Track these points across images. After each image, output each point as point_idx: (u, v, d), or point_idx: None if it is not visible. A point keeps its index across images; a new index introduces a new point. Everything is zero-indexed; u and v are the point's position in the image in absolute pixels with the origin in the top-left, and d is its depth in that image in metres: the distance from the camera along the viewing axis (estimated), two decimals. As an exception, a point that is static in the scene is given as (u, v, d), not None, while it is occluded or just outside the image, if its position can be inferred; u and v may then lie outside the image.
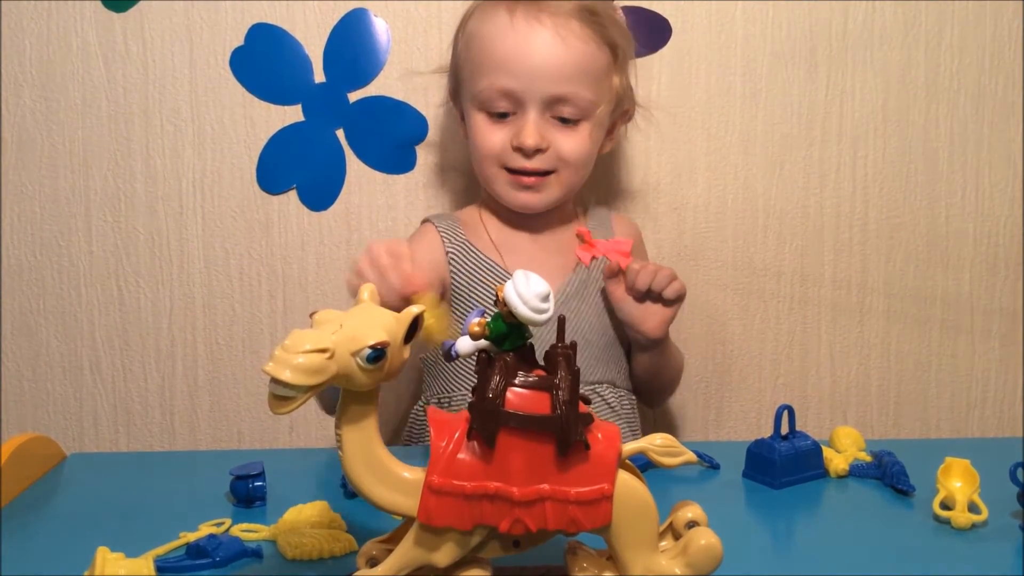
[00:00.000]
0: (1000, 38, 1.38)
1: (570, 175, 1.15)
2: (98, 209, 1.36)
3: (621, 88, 1.16)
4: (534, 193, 1.16)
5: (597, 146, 1.18)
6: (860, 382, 1.44)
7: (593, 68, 1.12)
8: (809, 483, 0.93)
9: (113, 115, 1.34)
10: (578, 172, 1.16)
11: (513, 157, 1.13)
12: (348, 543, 0.78)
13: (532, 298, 0.61)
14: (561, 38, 1.10)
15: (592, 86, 1.12)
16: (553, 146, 1.13)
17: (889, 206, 1.41)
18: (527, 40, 1.10)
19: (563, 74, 1.10)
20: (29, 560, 0.77)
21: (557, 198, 1.17)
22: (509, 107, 1.13)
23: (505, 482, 0.62)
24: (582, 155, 1.14)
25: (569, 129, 1.13)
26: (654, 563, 0.64)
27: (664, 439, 0.67)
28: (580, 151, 1.14)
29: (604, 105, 1.14)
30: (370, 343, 0.59)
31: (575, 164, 1.14)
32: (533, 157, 1.12)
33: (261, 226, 1.37)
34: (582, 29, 1.11)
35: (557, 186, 1.16)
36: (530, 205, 1.17)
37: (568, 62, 1.10)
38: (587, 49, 1.11)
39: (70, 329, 1.38)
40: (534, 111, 1.11)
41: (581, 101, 1.11)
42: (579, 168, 1.16)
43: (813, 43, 1.37)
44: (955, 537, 0.81)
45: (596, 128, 1.15)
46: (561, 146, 1.13)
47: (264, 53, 1.33)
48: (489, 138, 1.14)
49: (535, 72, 1.10)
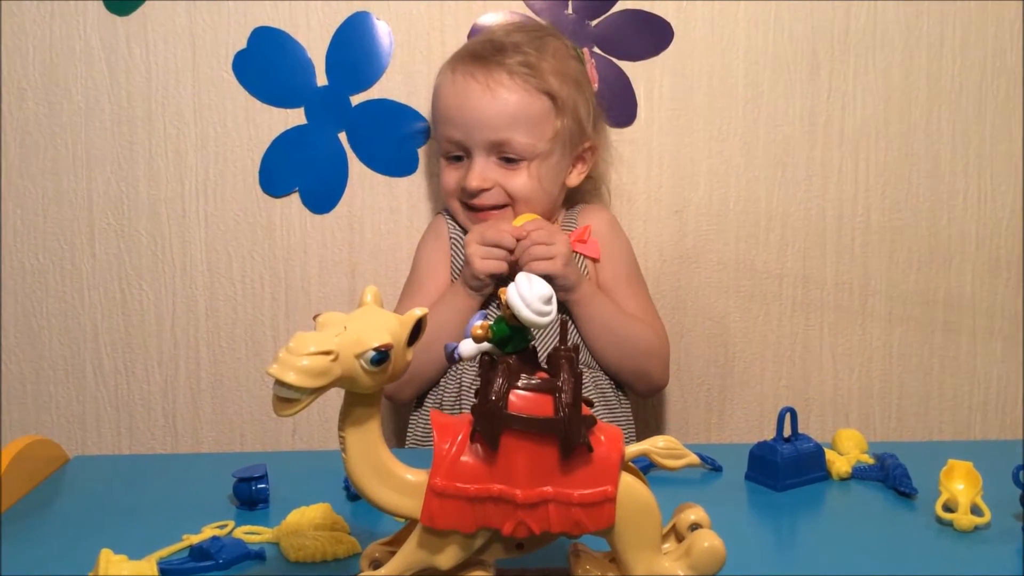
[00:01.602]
0: (1002, 40, 1.38)
1: (522, 208, 1.24)
2: (101, 212, 1.36)
3: (569, 128, 1.25)
4: None
5: (547, 181, 1.25)
6: (862, 384, 1.44)
7: (527, 115, 1.22)
8: (812, 485, 0.93)
9: (116, 118, 1.34)
10: (529, 205, 1.24)
11: (465, 195, 1.24)
12: (351, 545, 0.78)
13: (535, 300, 0.61)
14: (491, 92, 1.21)
15: (528, 131, 1.22)
16: (499, 184, 1.23)
17: (891, 208, 1.41)
18: (463, 95, 1.23)
19: (497, 123, 1.21)
20: (32, 562, 0.78)
21: None
22: (460, 152, 1.24)
23: (508, 484, 0.62)
24: (527, 191, 1.23)
25: (514, 169, 1.23)
26: (657, 565, 0.64)
27: (667, 441, 0.67)
28: (525, 188, 1.23)
29: (545, 143, 1.23)
30: (374, 345, 0.59)
31: (523, 199, 1.23)
32: (480, 196, 1.23)
33: (264, 229, 1.37)
34: (511, 81, 1.21)
35: (513, 218, 1.23)
36: None
37: (499, 112, 1.21)
38: (517, 99, 1.21)
39: (73, 332, 1.38)
40: (480, 156, 1.23)
41: (518, 145, 1.22)
42: (529, 202, 1.24)
43: (815, 45, 1.37)
44: (958, 539, 0.81)
45: (540, 166, 1.23)
46: (506, 184, 1.23)
47: (267, 56, 1.34)
48: (447, 179, 1.26)
49: (472, 123, 1.22)
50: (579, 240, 1.25)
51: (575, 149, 1.27)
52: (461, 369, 1.21)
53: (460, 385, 1.21)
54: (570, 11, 1.34)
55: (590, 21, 1.34)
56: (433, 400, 1.24)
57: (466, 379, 1.21)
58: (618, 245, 1.29)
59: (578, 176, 1.30)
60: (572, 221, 1.29)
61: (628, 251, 1.31)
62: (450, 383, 1.22)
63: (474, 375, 1.19)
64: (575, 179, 1.29)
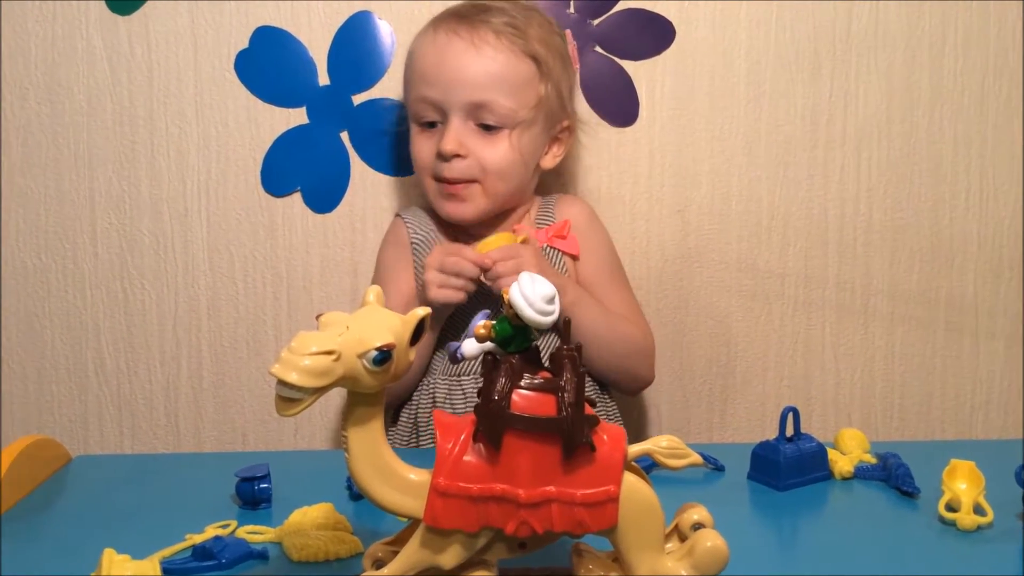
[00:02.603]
0: (1004, 39, 1.38)
1: (495, 184, 1.19)
2: (103, 211, 1.36)
3: (551, 98, 1.20)
4: (459, 203, 1.20)
5: (526, 155, 1.20)
6: (865, 384, 1.44)
7: (512, 77, 1.17)
8: (814, 485, 0.93)
9: (118, 118, 1.34)
10: (503, 181, 1.19)
11: (438, 165, 1.18)
12: (354, 545, 0.78)
13: (537, 300, 0.61)
14: (476, 48, 1.16)
15: (512, 95, 1.17)
16: (474, 154, 1.17)
17: (893, 208, 1.41)
18: (445, 51, 1.17)
19: (479, 82, 1.16)
20: (35, 562, 0.78)
21: (486, 208, 1.20)
22: (435, 116, 1.19)
23: (511, 484, 0.62)
24: (504, 163, 1.18)
25: (491, 137, 1.18)
26: (660, 564, 0.64)
27: (670, 441, 0.67)
28: (501, 159, 1.18)
29: (528, 111, 1.18)
30: (376, 345, 0.59)
31: (497, 173, 1.18)
32: (453, 163, 1.17)
33: (266, 228, 1.37)
34: (498, 40, 1.17)
35: (483, 196, 1.19)
36: (456, 215, 1.20)
37: (483, 71, 1.16)
38: (503, 58, 1.17)
39: (75, 331, 1.38)
40: (456, 119, 1.17)
41: (500, 108, 1.16)
42: (503, 177, 1.19)
43: (817, 45, 1.37)
44: (960, 539, 0.81)
45: (521, 136, 1.18)
46: (482, 154, 1.17)
47: (268, 56, 1.34)
48: (420, 149, 1.21)
49: (452, 81, 1.16)
50: (558, 236, 1.22)
51: (554, 126, 1.23)
52: (434, 383, 1.18)
53: (434, 399, 1.18)
54: (572, 10, 1.34)
55: (592, 20, 1.34)
56: (407, 415, 1.21)
57: (439, 392, 1.17)
58: (598, 239, 1.26)
59: (553, 159, 1.25)
60: (548, 213, 1.25)
61: (609, 244, 1.28)
62: (423, 397, 1.19)
63: (447, 390, 1.17)
64: (550, 161, 1.25)
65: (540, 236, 1.21)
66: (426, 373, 1.20)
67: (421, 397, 1.20)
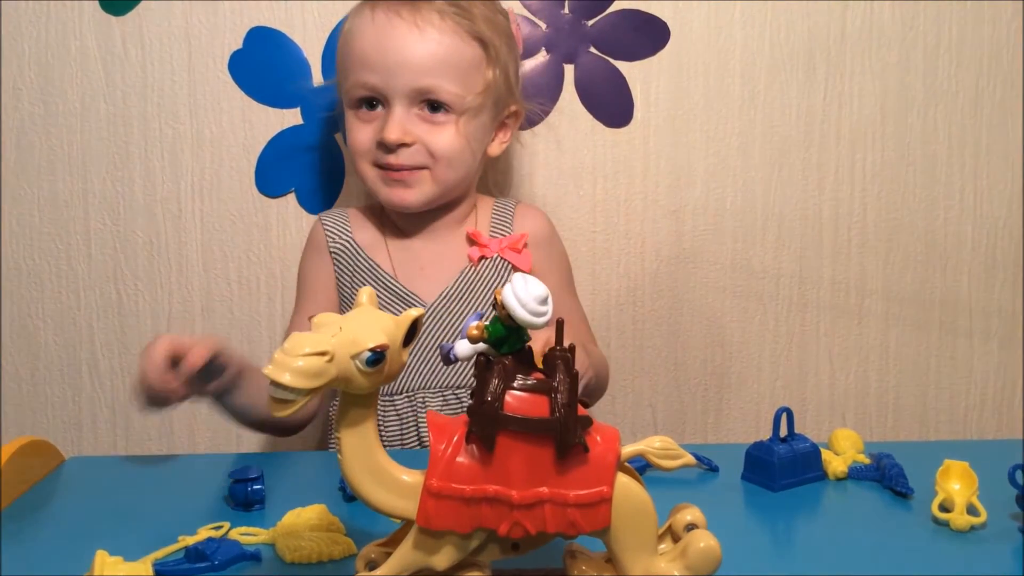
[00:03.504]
0: (998, 40, 1.38)
1: (443, 171, 1.13)
2: (97, 212, 1.36)
3: (498, 82, 1.15)
4: (406, 188, 1.14)
5: (474, 142, 1.15)
6: (859, 384, 1.44)
7: (458, 61, 1.11)
8: (808, 485, 0.93)
9: (112, 118, 1.34)
10: (452, 168, 1.14)
11: (380, 154, 1.13)
12: (347, 546, 0.78)
13: (530, 301, 0.61)
14: (419, 30, 1.09)
15: (458, 79, 1.11)
16: (421, 141, 1.12)
17: (887, 208, 1.41)
18: (385, 34, 1.10)
19: (424, 67, 1.10)
20: (28, 564, 0.77)
21: (433, 195, 1.15)
22: (375, 98, 1.12)
23: (504, 485, 0.62)
24: (452, 150, 1.12)
25: (438, 123, 1.12)
26: (653, 565, 0.64)
27: (663, 441, 0.67)
28: (449, 146, 1.12)
29: (475, 97, 1.12)
30: (369, 346, 0.59)
31: (446, 159, 1.13)
32: (398, 152, 1.11)
33: (260, 229, 1.37)
34: (442, 21, 1.10)
35: (431, 183, 1.14)
36: (404, 202, 1.15)
37: (427, 54, 1.10)
38: (448, 41, 1.10)
39: (69, 332, 1.38)
40: (400, 106, 1.11)
41: (446, 94, 1.10)
42: (452, 164, 1.13)
43: (811, 45, 1.37)
44: (954, 539, 0.81)
45: (469, 123, 1.13)
46: (429, 141, 1.12)
47: (263, 56, 1.33)
48: (358, 135, 1.14)
49: (395, 66, 1.09)
50: (512, 248, 1.18)
51: (501, 112, 1.18)
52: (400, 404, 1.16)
53: (401, 420, 1.16)
54: (567, 11, 1.34)
55: (587, 21, 1.34)
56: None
57: (405, 411, 1.15)
58: (558, 253, 1.25)
59: (500, 145, 1.21)
60: (506, 222, 1.21)
61: (566, 258, 1.26)
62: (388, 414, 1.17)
63: (405, 407, 1.15)
64: (497, 148, 1.20)
65: (493, 245, 1.18)
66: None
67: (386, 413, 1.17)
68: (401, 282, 1.18)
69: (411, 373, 1.14)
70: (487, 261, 1.18)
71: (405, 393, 1.15)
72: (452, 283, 1.17)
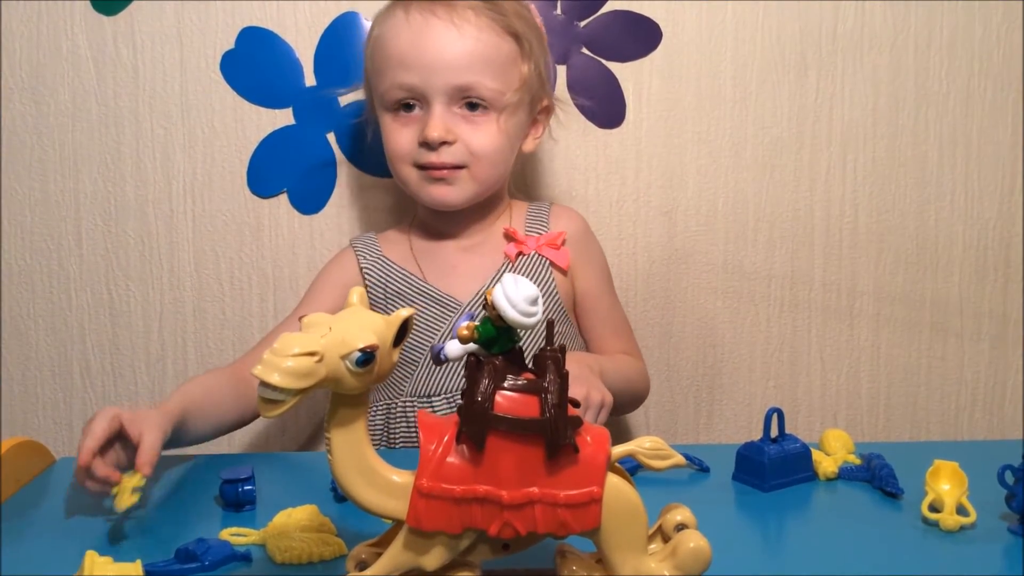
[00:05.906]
0: (989, 41, 1.39)
1: (483, 169, 1.13)
2: (88, 213, 1.35)
3: (533, 77, 1.14)
4: (447, 186, 1.14)
5: (513, 139, 1.15)
6: (850, 385, 1.45)
7: (495, 57, 1.11)
8: (798, 486, 0.93)
9: (103, 119, 1.34)
10: (493, 166, 1.14)
11: (421, 153, 1.12)
12: (337, 547, 0.78)
13: (520, 301, 0.61)
14: (456, 28, 1.09)
15: (496, 75, 1.10)
16: (461, 140, 1.11)
17: (879, 209, 1.41)
18: (422, 34, 1.09)
19: (461, 64, 1.09)
20: (18, 564, 0.77)
21: (473, 193, 1.15)
22: (413, 102, 1.12)
23: (494, 485, 0.62)
24: (493, 148, 1.12)
25: (478, 121, 1.12)
26: (643, 565, 0.64)
27: (653, 442, 0.68)
28: (490, 144, 1.12)
29: (513, 94, 1.12)
30: (359, 346, 0.59)
31: (487, 157, 1.13)
32: (440, 150, 1.11)
33: (252, 229, 1.37)
34: (478, 18, 1.10)
35: (471, 181, 1.14)
36: (447, 200, 1.15)
37: (465, 52, 1.09)
38: (486, 38, 1.10)
39: (60, 333, 1.37)
40: (439, 105, 1.10)
41: (485, 91, 1.10)
42: (493, 162, 1.13)
43: (803, 47, 1.37)
44: (943, 539, 0.81)
45: (508, 119, 1.13)
46: (470, 140, 1.12)
47: (255, 56, 1.33)
48: (397, 138, 1.14)
49: (433, 65, 1.09)
50: (550, 245, 1.18)
51: (535, 108, 1.18)
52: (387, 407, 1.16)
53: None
54: (559, 12, 1.34)
55: (579, 22, 1.35)
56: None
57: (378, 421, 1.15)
58: (597, 254, 1.25)
59: (534, 141, 1.21)
60: (541, 221, 1.21)
61: (604, 259, 1.27)
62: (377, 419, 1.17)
63: (444, 410, 1.15)
64: (531, 144, 1.20)
65: (530, 242, 1.19)
66: None
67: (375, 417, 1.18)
68: (432, 284, 1.17)
69: (452, 376, 1.14)
70: (524, 258, 1.18)
71: (443, 395, 1.15)
72: (488, 282, 1.17)
